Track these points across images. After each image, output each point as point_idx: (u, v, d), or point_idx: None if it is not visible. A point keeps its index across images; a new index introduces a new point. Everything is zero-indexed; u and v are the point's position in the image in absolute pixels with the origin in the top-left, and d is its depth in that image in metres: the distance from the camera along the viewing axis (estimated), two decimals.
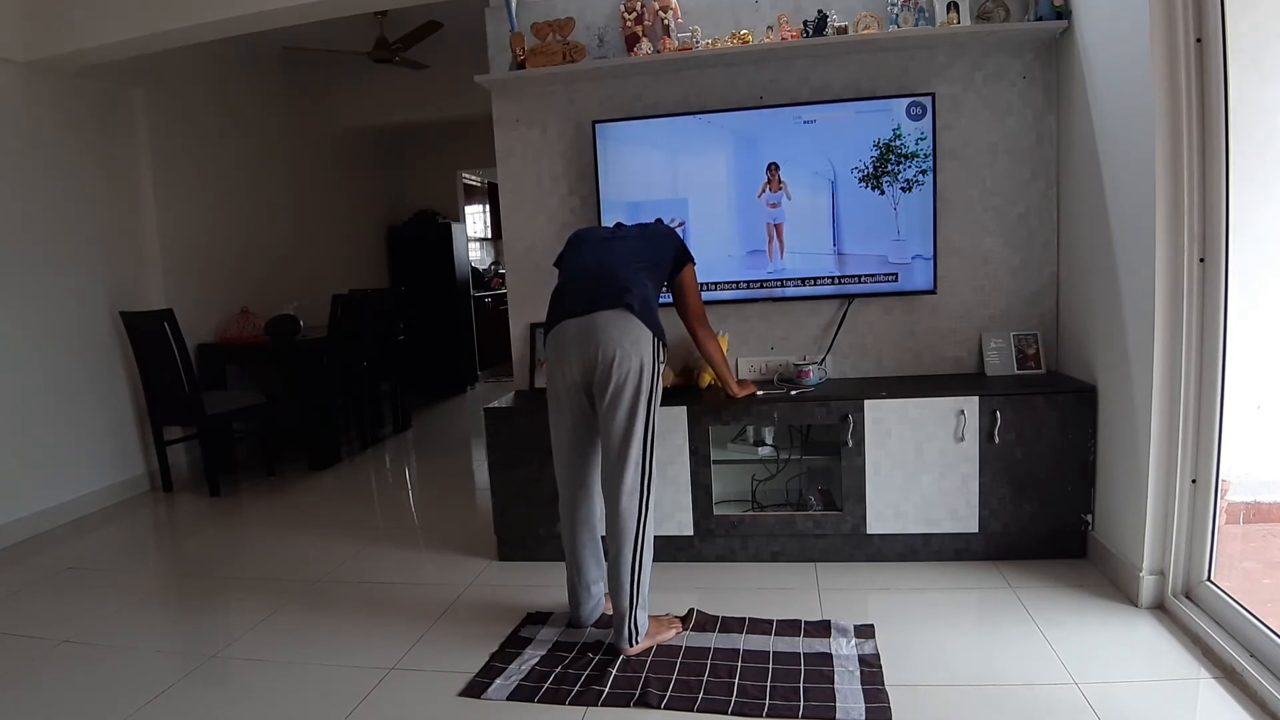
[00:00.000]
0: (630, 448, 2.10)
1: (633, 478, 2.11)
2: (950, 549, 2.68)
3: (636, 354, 2.09)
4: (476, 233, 8.97)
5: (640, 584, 2.12)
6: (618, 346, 2.07)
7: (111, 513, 3.81)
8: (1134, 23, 2.17)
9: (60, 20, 3.48)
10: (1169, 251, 2.12)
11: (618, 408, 2.09)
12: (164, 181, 4.33)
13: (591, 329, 2.10)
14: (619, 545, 2.12)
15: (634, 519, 2.12)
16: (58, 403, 3.68)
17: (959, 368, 2.98)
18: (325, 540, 3.26)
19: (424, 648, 2.27)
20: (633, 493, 2.11)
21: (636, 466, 2.11)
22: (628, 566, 2.11)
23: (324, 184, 5.97)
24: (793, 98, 2.93)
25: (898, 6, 2.76)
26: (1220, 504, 2.12)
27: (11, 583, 2.94)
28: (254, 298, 4.87)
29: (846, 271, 2.89)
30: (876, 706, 1.84)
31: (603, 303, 2.13)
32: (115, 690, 2.09)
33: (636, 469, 2.11)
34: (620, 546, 2.12)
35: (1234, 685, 1.84)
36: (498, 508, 2.87)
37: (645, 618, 2.16)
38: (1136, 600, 2.27)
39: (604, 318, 2.10)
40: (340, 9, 3.39)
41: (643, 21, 2.92)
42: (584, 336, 2.10)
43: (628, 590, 2.11)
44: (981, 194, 2.90)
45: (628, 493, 2.11)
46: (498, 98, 3.12)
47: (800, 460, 2.90)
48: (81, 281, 3.85)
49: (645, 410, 2.11)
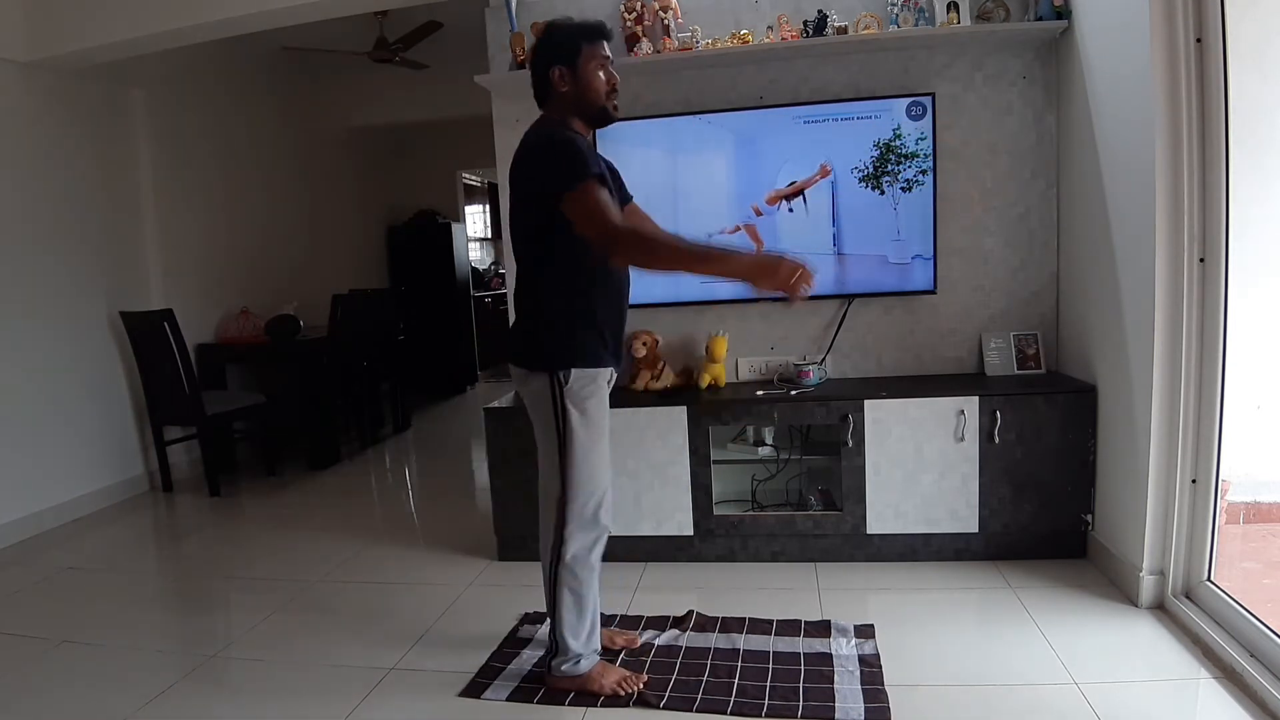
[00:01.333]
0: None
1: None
2: (950, 549, 2.68)
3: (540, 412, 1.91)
4: (476, 233, 8.97)
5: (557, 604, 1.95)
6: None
7: (111, 513, 3.80)
8: (1134, 23, 2.17)
9: (60, 20, 3.48)
10: (1169, 251, 2.12)
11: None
12: (164, 181, 4.33)
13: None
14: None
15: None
16: (58, 403, 3.68)
17: (959, 368, 2.98)
18: (325, 540, 3.26)
19: (424, 648, 2.27)
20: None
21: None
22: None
23: (324, 184, 5.96)
24: (793, 98, 2.93)
25: (898, 6, 2.76)
26: (1220, 504, 2.12)
27: (11, 583, 2.93)
28: (254, 298, 4.86)
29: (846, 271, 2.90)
30: (876, 706, 1.84)
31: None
32: (115, 690, 2.09)
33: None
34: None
35: (1234, 685, 1.84)
36: (498, 508, 2.87)
37: (572, 646, 1.94)
38: (1136, 600, 2.27)
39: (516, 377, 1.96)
40: (340, 9, 3.39)
41: (643, 21, 2.92)
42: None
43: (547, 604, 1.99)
44: (981, 194, 2.90)
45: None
46: (498, 98, 3.12)
47: (800, 460, 2.90)
48: (81, 281, 3.85)
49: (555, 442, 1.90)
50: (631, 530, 2.78)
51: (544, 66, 1.88)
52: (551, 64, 1.87)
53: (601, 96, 1.89)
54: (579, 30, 1.88)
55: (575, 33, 1.88)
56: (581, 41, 1.87)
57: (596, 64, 1.87)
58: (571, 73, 1.86)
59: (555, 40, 1.89)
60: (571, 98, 1.88)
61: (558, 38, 1.89)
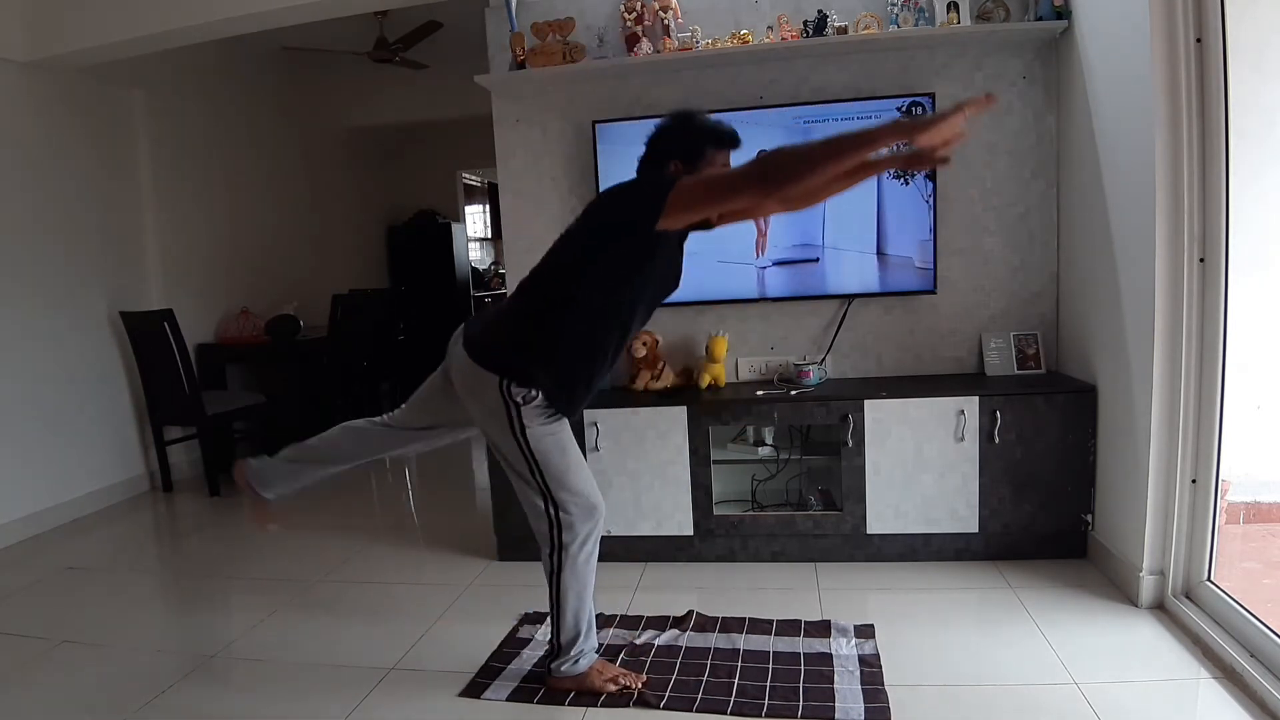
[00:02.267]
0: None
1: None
2: (950, 549, 2.68)
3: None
4: (476, 233, 8.96)
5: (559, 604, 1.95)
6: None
7: (111, 513, 3.80)
8: (1134, 23, 2.17)
9: (60, 20, 3.48)
10: (1169, 251, 2.11)
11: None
12: (164, 181, 4.33)
13: None
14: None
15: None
16: (58, 403, 3.68)
17: (959, 368, 2.98)
18: (325, 540, 3.26)
19: (424, 648, 2.27)
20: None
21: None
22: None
23: (324, 184, 5.96)
24: (793, 98, 2.93)
25: (898, 6, 2.76)
26: (1220, 504, 2.12)
27: (11, 583, 2.93)
28: (254, 298, 4.86)
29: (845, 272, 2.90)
30: (876, 706, 1.84)
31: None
32: (115, 690, 2.09)
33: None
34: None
35: (1234, 685, 1.84)
36: (498, 508, 2.87)
37: (572, 645, 1.94)
38: (1136, 600, 2.27)
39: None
40: (340, 9, 3.39)
41: (643, 21, 2.92)
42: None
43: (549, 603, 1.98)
44: (982, 194, 2.90)
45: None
46: (498, 98, 3.12)
47: (800, 460, 2.90)
48: (82, 281, 3.85)
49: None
50: (631, 530, 2.78)
51: (664, 154, 1.84)
52: (673, 156, 1.83)
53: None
54: (714, 135, 1.84)
55: (709, 136, 1.83)
56: (711, 147, 1.83)
57: (715, 171, 1.82)
58: (689, 172, 1.81)
59: (687, 135, 1.84)
60: None
61: (691, 133, 1.84)
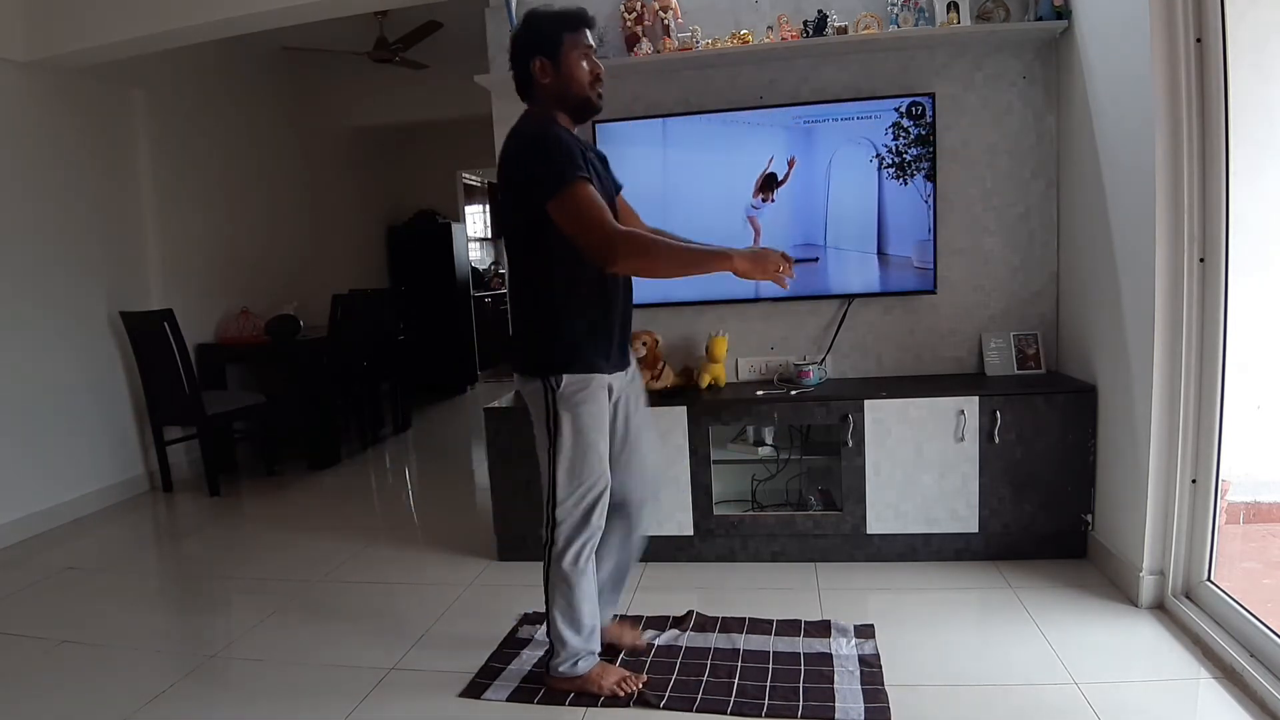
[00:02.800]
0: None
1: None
2: (950, 549, 2.68)
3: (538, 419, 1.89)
4: (476, 233, 8.96)
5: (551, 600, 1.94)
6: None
7: (111, 513, 3.80)
8: (1134, 23, 2.17)
9: (60, 20, 3.48)
10: (1169, 251, 2.11)
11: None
12: (164, 181, 4.33)
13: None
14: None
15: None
16: (57, 403, 3.68)
17: (959, 368, 2.98)
18: (325, 540, 3.26)
19: (424, 648, 2.27)
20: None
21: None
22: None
23: (324, 184, 5.96)
24: (793, 98, 2.93)
25: (898, 6, 2.76)
26: (1220, 504, 2.12)
27: (11, 583, 2.93)
28: (254, 298, 4.86)
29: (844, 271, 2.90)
30: (876, 706, 1.84)
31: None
32: (115, 690, 2.09)
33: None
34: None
35: (1234, 685, 1.84)
36: (498, 508, 2.87)
37: (569, 646, 1.93)
38: (1136, 600, 2.27)
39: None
40: (340, 9, 3.39)
41: (643, 21, 2.92)
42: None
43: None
44: (982, 194, 2.90)
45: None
46: (498, 98, 3.12)
47: (800, 460, 2.90)
48: (81, 281, 3.85)
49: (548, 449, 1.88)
50: None
51: (525, 58, 1.81)
52: (532, 55, 1.80)
53: (585, 87, 1.82)
54: (560, 19, 1.80)
55: (556, 22, 1.80)
56: (563, 31, 1.79)
57: (579, 54, 1.81)
58: (553, 64, 1.79)
59: (535, 30, 1.81)
60: (554, 90, 1.81)
61: (538, 27, 1.81)
